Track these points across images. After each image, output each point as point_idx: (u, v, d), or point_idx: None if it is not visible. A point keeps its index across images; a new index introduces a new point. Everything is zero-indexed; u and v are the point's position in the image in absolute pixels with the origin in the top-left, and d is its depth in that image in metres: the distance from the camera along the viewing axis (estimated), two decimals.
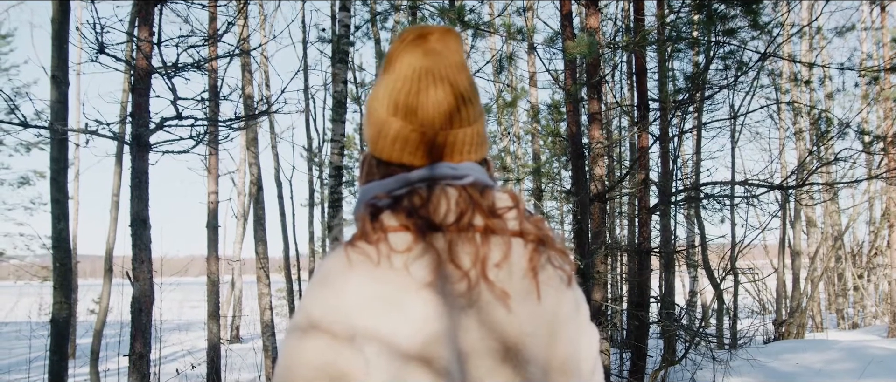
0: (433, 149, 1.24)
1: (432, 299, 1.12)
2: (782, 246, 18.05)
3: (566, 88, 8.66)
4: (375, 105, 1.28)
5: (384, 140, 1.26)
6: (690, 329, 10.35)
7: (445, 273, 1.14)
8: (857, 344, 12.62)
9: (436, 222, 1.17)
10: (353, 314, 1.10)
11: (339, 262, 1.15)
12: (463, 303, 1.14)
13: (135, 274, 6.85)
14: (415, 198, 1.20)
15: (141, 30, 6.67)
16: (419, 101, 1.24)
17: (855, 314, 20.70)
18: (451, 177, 1.23)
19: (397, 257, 1.13)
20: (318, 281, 1.15)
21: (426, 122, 1.23)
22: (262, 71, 17.40)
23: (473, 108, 1.28)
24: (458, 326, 1.13)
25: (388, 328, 1.09)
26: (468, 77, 1.30)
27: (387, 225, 1.17)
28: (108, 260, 12.00)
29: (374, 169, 1.30)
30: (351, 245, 1.16)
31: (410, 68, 1.26)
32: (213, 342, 12.26)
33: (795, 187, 10.11)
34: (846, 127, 10.11)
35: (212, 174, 12.92)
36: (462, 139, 1.25)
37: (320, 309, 1.12)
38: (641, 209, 10.25)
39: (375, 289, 1.11)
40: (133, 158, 6.82)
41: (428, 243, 1.15)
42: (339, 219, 9.78)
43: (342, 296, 1.12)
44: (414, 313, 1.10)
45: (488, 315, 1.16)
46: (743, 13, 8.89)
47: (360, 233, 1.18)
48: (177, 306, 31.77)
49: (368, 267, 1.13)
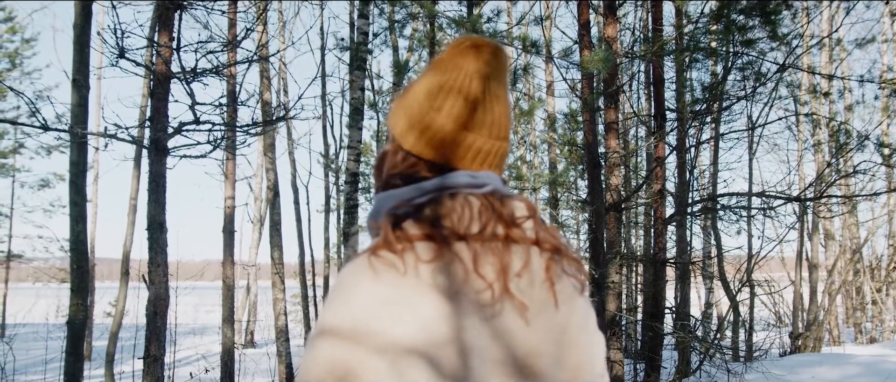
0: (480, 157, 1.26)
1: (458, 310, 1.11)
2: (799, 259, 17.91)
3: (583, 98, 8.65)
4: (434, 106, 1.26)
5: (451, 147, 1.25)
6: (705, 341, 10.28)
7: (470, 284, 1.13)
8: (876, 359, 12.49)
9: (460, 232, 1.16)
10: (376, 320, 1.07)
11: (362, 272, 1.12)
12: (487, 314, 1.14)
13: (150, 277, 6.89)
14: (439, 207, 1.18)
15: (161, 35, 6.72)
16: (486, 115, 1.26)
17: (873, 328, 20.48)
18: (471, 186, 1.22)
19: (424, 267, 1.11)
20: (341, 291, 1.12)
21: (494, 134, 1.26)
22: (281, 77, 17.49)
23: (510, 123, 1.31)
24: (481, 337, 1.12)
25: (413, 335, 1.07)
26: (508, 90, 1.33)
27: (411, 234, 1.15)
28: (124, 263, 12.10)
29: (398, 164, 1.28)
30: (374, 253, 1.13)
31: (477, 79, 1.27)
32: (228, 346, 12.30)
33: (813, 199, 10.04)
34: (865, 139, 10.03)
35: (229, 179, 12.99)
36: (496, 150, 1.27)
37: (340, 318, 1.10)
38: (657, 219, 10.21)
39: (400, 297, 1.09)
40: (151, 162, 6.87)
41: (452, 253, 1.14)
42: (356, 226, 9.80)
43: (365, 304, 1.09)
44: (440, 324, 1.09)
45: (508, 327, 1.16)
46: (761, 24, 8.85)
47: (382, 242, 1.15)
48: (192, 310, 31.88)
49: (394, 276, 1.10)
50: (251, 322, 22.94)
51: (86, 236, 7.13)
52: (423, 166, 1.25)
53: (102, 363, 13.82)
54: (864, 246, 19.93)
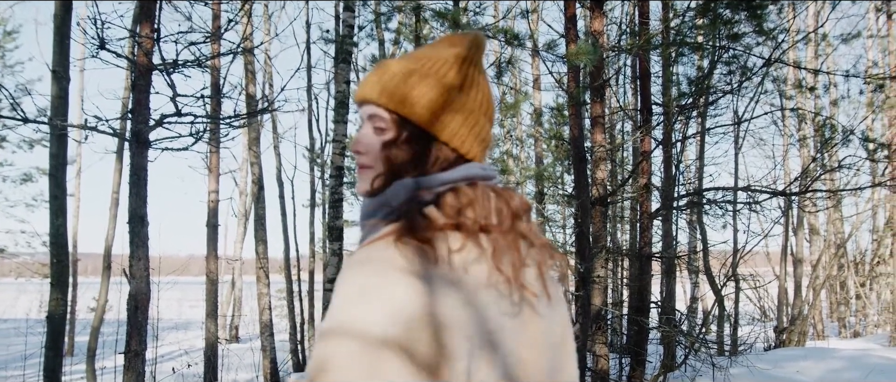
0: (484, 147, 1.29)
1: (490, 303, 1.09)
2: (784, 254, 17.98)
3: (569, 92, 8.61)
4: (460, 97, 1.25)
5: (471, 134, 1.25)
6: (690, 335, 10.29)
7: (492, 277, 1.11)
8: (859, 353, 12.55)
9: (482, 223, 1.14)
10: (430, 312, 1.01)
11: (391, 259, 1.05)
12: (507, 309, 1.12)
13: (131, 272, 6.80)
14: (460, 197, 1.16)
15: (142, 26, 6.63)
16: (491, 105, 1.30)
17: (856, 322, 20.62)
18: (483, 178, 1.23)
19: (456, 257, 1.09)
20: (371, 278, 1.03)
21: (491, 122, 1.31)
22: (266, 71, 17.37)
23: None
24: (504, 330, 1.11)
25: (462, 326, 1.03)
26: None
27: (440, 222, 1.12)
28: (106, 257, 11.98)
29: (421, 151, 1.23)
30: (399, 240, 1.08)
31: (480, 73, 1.30)
32: (211, 341, 12.22)
33: (799, 193, 10.06)
34: (851, 133, 10.06)
35: (212, 173, 12.89)
36: (490, 140, 1.31)
37: (387, 315, 1.00)
38: (643, 213, 10.20)
39: (438, 290, 1.04)
40: (132, 155, 6.78)
41: (479, 244, 1.12)
42: (341, 220, 9.74)
43: (407, 296, 1.01)
44: (476, 317, 1.06)
45: (524, 322, 1.16)
46: (747, 18, 8.84)
47: (407, 228, 1.11)
48: (176, 305, 31.72)
49: (425, 265, 1.06)
50: (236, 317, 22.81)
51: (66, 230, 7.04)
52: (450, 156, 1.23)
53: (85, 358, 13.71)
54: (849, 241, 20.04)
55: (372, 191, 1.23)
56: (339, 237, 9.66)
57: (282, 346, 16.78)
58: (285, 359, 15.54)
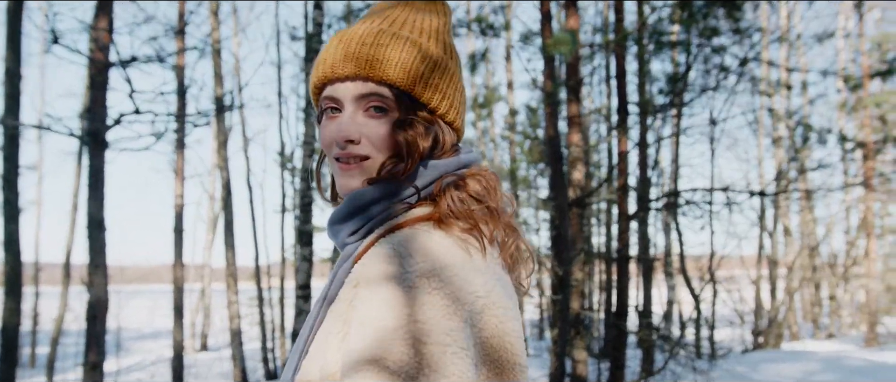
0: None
1: (515, 295, 1.06)
2: (760, 256, 17.95)
3: (545, 90, 8.41)
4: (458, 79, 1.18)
5: (462, 116, 1.18)
6: (671, 340, 10.13)
7: (499, 263, 1.05)
8: (836, 355, 12.52)
9: (503, 213, 1.09)
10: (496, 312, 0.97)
11: (456, 251, 0.98)
12: (516, 301, 1.07)
13: (90, 280, 6.48)
14: (482, 181, 1.09)
15: (98, 20, 6.33)
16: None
17: (830, 323, 20.65)
18: (475, 162, 1.15)
19: (492, 249, 1.04)
20: (446, 272, 0.94)
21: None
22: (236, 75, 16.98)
23: None
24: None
25: (514, 322, 0.99)
26: None
27: (472, 209, 1.05)
28: (66, 265, 11.56)
29: (441, 138, 1.13)
30: (442, 225, 1.02)
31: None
32: (177, 351, 11.86)
33: (777, 193, 9.95)
34: (828, 132, 9.98)
35: (178, 176, 12.52)
36: None
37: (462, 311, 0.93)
38: (621, 215, 10.02)
39: (500, 283, 1.01)
40: (90, 156, 6.48)
41: (501, 233, 1.07)
42: (310, 224, 9.48)
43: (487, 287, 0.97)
44: (515, 310, 1.01)
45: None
46: (725, 15, 8.73)
47: (448, 213, 1.03)
48: (147, 314, 31.20)
49: (480, 259, 1.00)
50: (205, 326, 22.34)
51: (18, 236, 6.70)
52: (453, 136, 1.15)
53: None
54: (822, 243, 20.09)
55: (385, 177, 1.08)
56: (309, 242, 9.40)
57: (252, 354, 16.45)
58: (256, 367, 15.20)
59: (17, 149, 6.60)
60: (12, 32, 6.70)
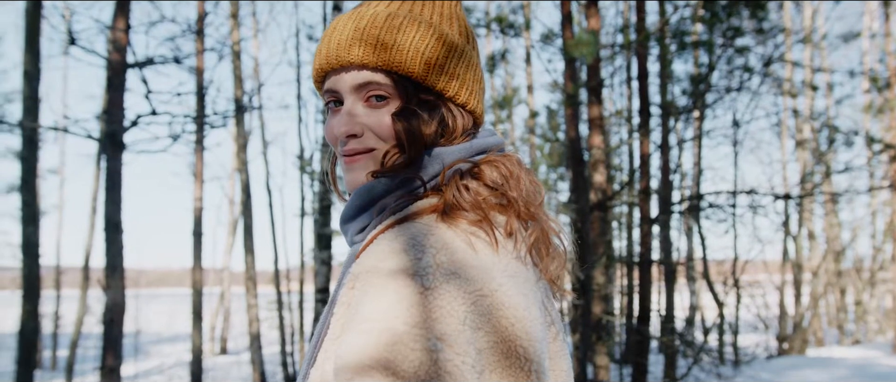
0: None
1: (541, 296, 0.96)
2: (784, 260, 17.68)
3: (566, 91, 8.31)
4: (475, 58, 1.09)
5: (479, 96, 1.10)
6: (694, 345, 9.96)
7: (526, 255, 0.96)
8: (864, 361, 12.28)
9: (526, 204, 0.99)
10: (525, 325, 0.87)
11: (458, 246, 0.89)
12: (547, 296, 0.99)
13: (107, 283, 6.44)
14: (500, 168, 1.00)
15: (116, 21, 6.30)
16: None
17: (856, 329, 20.32)
18: (495, 147, 1.07)
19: (515, 242, 0.94)
20: (460, 270, 0.86)
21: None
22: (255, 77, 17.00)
23: None
24: (545, 342, 0.94)
25: (528, 323, 0.88)
26: None
27: (488, 198, 0.96)
28: (85, 268, 11.58)
29: (442, 117, 1.04)
30: (450, 218, 0.93)
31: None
32: (196, 354, 11.86)
33: (801, 197, 9.76)
34: (855, 134, 9.79)
35: (198, 179, 12.52)
36: None
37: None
38: (642, 219, 9.88)
39: (513, 281, 0.90)
40: (107, 158, 6.44)
41: (524, 223, 0.98)
42: (329, 228, 9.45)
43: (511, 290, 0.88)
44: (537, 312, 0.92)
45: (553, 336, 1.00)
46: (749, 15, 8.59)
47: (454, 205, 0.94)
48: (167, 317, 31.37)
49: (489, 254, 0.90)
50: (224, 329, 22.39)
51: (37, 238, 6.68)
52: (469, 121, 1.07)
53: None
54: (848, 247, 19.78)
55: (388, 169, 1.00)
56: (328, 245, 9.36)
57: (271, 358, 16.43)
58: (275, 371, 15.18)
59: (35, 151, 6.58)
60: (30, 34, 6.68)
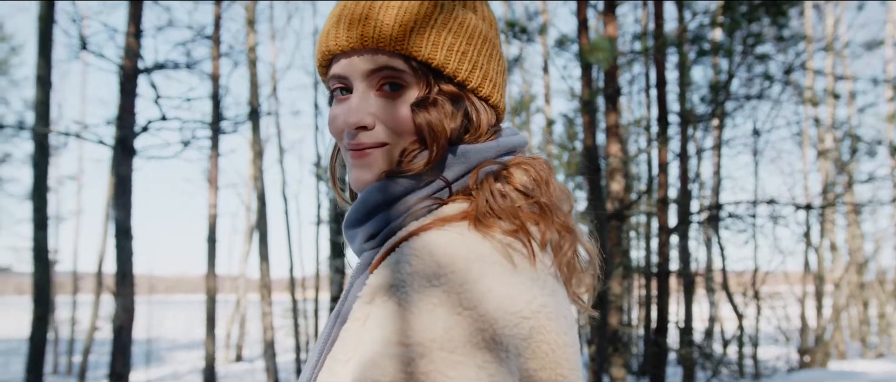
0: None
1: (571, 313, 0.88)
2: (805, 272, 17.43)
3: (582, 98, 8.20)
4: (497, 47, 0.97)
5: (502, 89, 0.98)
6: (713, 357, 9.78)
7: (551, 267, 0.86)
8: (887, 375, 12.04)
9: (559, 211, 0.89)
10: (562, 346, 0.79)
11: (496, 258, 0.78)
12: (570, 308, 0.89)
13: (116, 289, 6.38)
14: (529, 171, 0.90)
15: (128, 26, 6.26)
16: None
17: (880, 342, 20.01)
18: (521, 147, 0.97)
19: (543, 255, 0.84)
20: (481, 276, 0.76)
21: None
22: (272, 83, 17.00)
23: None
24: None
25: (571, 349, 0.81)
26: None
27: (519, 203, 0.86)
28: (98, 274, 11.59)
29: (465, 112, 0.92)
30: (483, 224, 0.82)
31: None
32: (209, 361, 11.83)
33: (823, 207, 9.58)
34: (878, 143, 9.61)
35: (212, 185, 12.50)
36: None
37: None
38: (661, 229, 9.73)
39: (554, 298, 0.82)
40: (117, 164, 6.40)
41: (556, 233, 0.87)
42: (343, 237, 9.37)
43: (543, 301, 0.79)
44: (572, 333, 0.84)
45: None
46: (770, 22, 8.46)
47: (487, 212, 0.83)
48: (183, 324, 31.46)
49: (529, 268, 0.81)
50: (239, 337, 22.39)
51: (46, 244, 6.63)
52: (492, 117, 0.96)
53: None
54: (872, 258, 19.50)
55: (407, 168, 0.89)
56: (342, 253, 9.29)
57: (286, 366, 16.39)
58: (289, 379, 15.13)
59: (46, 157, 6.54)
60: (43, 39, 6.66)
